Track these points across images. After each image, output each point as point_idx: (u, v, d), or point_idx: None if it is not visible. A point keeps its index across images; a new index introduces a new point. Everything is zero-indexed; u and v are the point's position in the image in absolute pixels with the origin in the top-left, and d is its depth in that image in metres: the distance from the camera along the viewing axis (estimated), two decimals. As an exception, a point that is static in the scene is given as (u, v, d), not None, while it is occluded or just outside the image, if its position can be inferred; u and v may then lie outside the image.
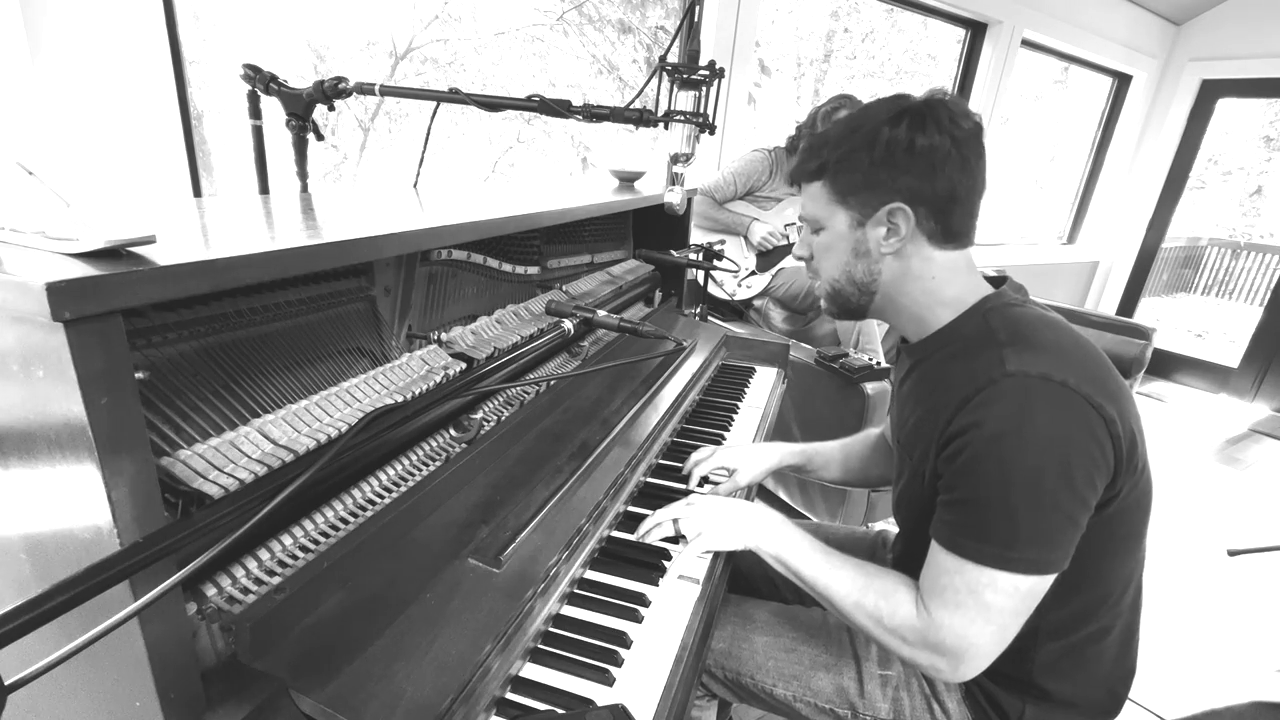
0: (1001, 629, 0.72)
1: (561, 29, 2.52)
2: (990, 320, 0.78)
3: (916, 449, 0.81)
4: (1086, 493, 0.69)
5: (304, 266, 0.61)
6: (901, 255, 0.80)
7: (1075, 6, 3.56)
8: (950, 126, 0.74)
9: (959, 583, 0.72)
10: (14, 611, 0.36)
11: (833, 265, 0.85)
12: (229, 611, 0.57)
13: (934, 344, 0.83)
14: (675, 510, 0.91)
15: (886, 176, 0.76)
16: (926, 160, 0.74)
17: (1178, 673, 1.83)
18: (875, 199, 0.78)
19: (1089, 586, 0.79)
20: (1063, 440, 0.68)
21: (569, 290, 1.31)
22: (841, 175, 0.79)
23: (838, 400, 1.96)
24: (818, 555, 0.84)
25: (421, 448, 0.85)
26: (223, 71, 1.66)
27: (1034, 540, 0.68)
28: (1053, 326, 0.77)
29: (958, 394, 0.73)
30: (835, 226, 0.82)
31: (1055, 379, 0.68)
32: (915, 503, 0.83)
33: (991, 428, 0.69)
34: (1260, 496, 2.96)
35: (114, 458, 0.44)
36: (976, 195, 0.78)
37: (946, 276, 0.81)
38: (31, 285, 0.39)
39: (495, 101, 1.09)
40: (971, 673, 0.74)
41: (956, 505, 0.73)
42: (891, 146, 0.75)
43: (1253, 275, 6.26)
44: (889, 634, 0.77)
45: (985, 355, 0.73)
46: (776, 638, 0.98)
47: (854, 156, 0.78)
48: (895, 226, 0.78)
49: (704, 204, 2.47)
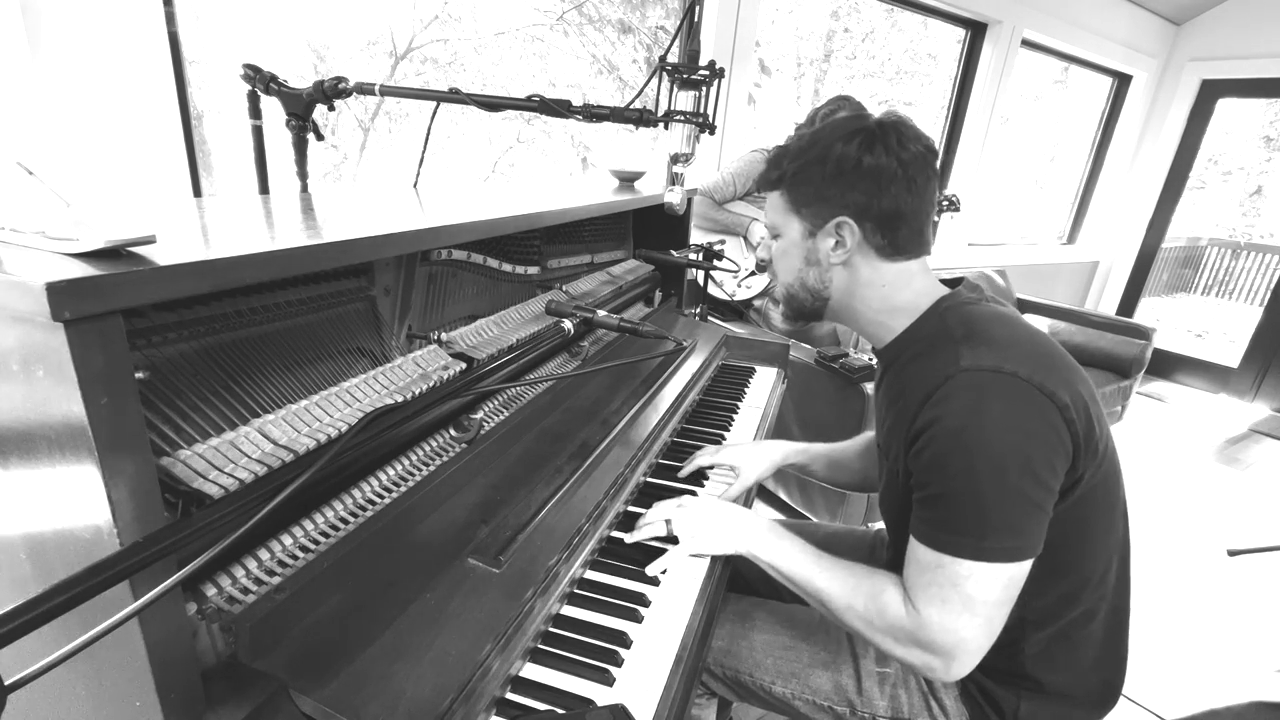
0: (988, 620, 0.73)
1: (561, 29, 2.52)
2: (946, 319, 0.81)
3: (892, 450, 0.84)
4: (1048, 478, 0.71)
5: (304, 266, 0.61)
6: (850, 265, 0.84)
7: (1075, 6, 3.56)
8: (898, 149, 0.78)
9: (941, 578, 0.73)
10: (14, 611, 0.36)
11: (787, 270, 0.89)
12: (229, 611, 0.57)
13: (898, 347, 0.86)
14: (668, 510, 0.92)
15: (835, 191, 0.80)
16: (873, 179, 0.78)
17: (1178, 672, 1.83)
18: (825, 211, 0.82)
19: (1067, 572, 0.80)
20: (1019, 429, 0.70)
21: (569, 290, 1.32)
22: (797, 187, 0.84)
23: (838, 400, 1.96)
24: (809, 560, 0.85)
25: (421, 448, 0.85)
26: (223, 71, 1.65)
27: (1004, 528, 0.70)
28: (1005, 321, 0.80)
29: (920, 392, 0.76)
30: (790, 234, 0.87)
31: (1006, 370, 0.71)
32: (895, 503, 0.85)
33: (951, 422, 0.71)
34: (1260, 496, 2.96)
35: (114, 458, 0.44)
36: (924, 213, 0.82)
37: (899, 284, 0.84)
38: (31, 285, 0.39)
39: (495, 101, 1.09)
40: (963, 670, 0.75)
41: (929, 501, 0.75)
42: (841, 163, 0.79)
43: (1253, 275, 6.26)
44: (881, 634, 0.78)
45: (943, 353, 0.76)
46: (775, 636, 0.98)
47: (808, 170, 0.82)
48: (842, 239, 0.82)
49: (704, 204, 2.47)
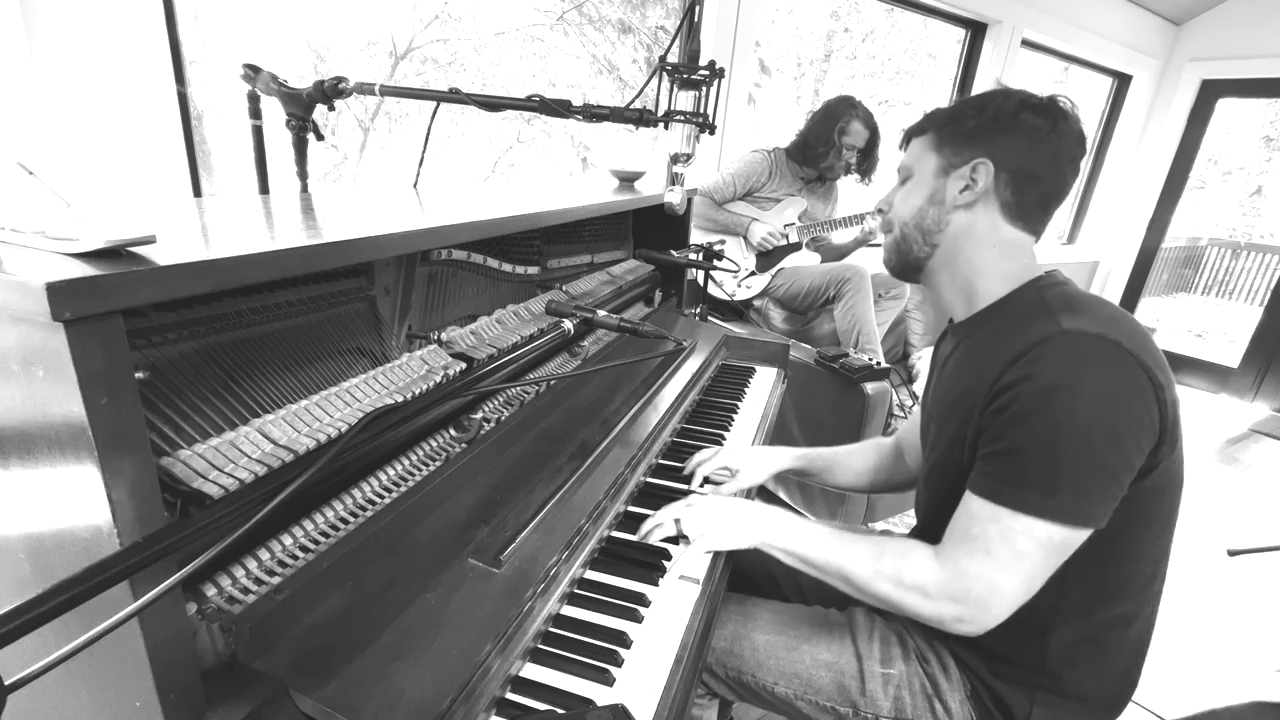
0: (1029, 578, 0.73)
1: (561, 29, 2.52)
2: (1045, 295, 0.81)
3: (958, 416, 0.82)
4: (1131, 451, 0.71)
5: (304, 266, 0.61)
6: (972, 211, 0.85)
7: (1075, 6, 3.56)
8: (1058, 116, 0.80)
9: (992, 531, 0.73)
10: (14, 611, 0.36)
11: (908, 209, 0.89)
12: (229, 611, 0.57)
13: (985, 318, 0.87)
14: (676, 510, 0.91)
15: (984, 136, 0.82)
16: (1025, 134, 0.80)
17: (1178, 673, 1.83)
18: (966, 151, 0.84)
19: (1113, 564, 0.79)
20: (1113, 397, 0.69)
21: (569, 290, 1.31)
22: (947, 127, 0.86)
23: (838, 400, 1.96)
24: (828, 537, 0.85)
25: (421, 448, 0.85)
26: (223, 71, 1.66)
27: (1075, 490, 0.70)
28: (1104, 303, 0.80)
29: (1009, 352, 0.75)
30: (922, 171, 0.88)
31: (1110, 338, 0.71)
32: (950, 472, 0.84)
33: (1043, 380, 0.71)
34: (1260, 496, 2.96)
35: (114, 458, 0.44)
36: (1058, 189, 0.83)
37: (1007, 250, 0.85)
38: (31, 285, 0.39)
39: (495, 101, 1.09)
40: (993, 620, 0.75)
41: (999, 456, 0.74)
42: (999, 113, 0.82)
43: (1253, 275, 6.25)
44: (909, 591, 0.78)
45: (1039, 320, 0.76)
46: (777, 636, 0.98)
47: (963, 113, 0.85)
48: (974, 181, 0.83)
49: (704, 204, 2.47)
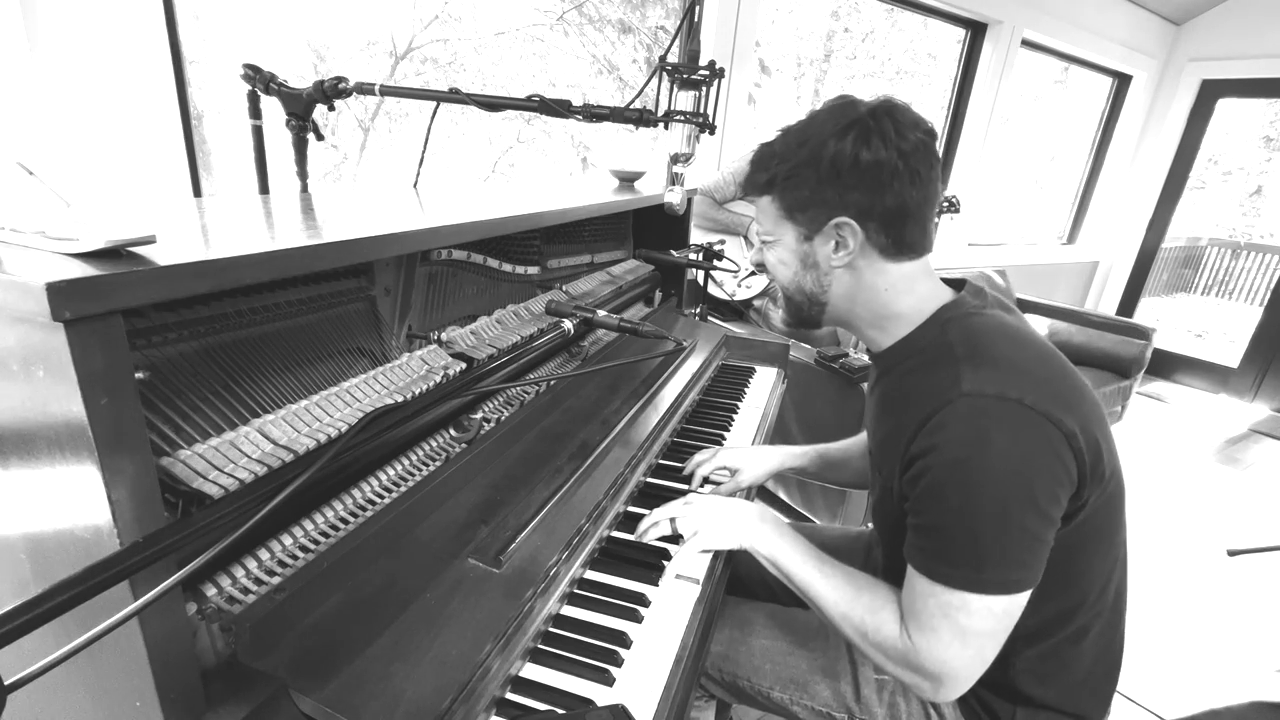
0: (979, 650, 0.71)
1: (561, 29, 2.52)
2: (948, 332, 0.76)
3: (885, 465, 0.81)
4: (1051, 509, 0.68)
5: (304, 266, 0.61)
6: (853, 268, 0.79)
7: (1075, 6, 3.56)
8: (897, 140, 0.72)
9: (933, 606, 0.71)
10: (14, 611, 0.36)
11: (784, 276, 0.84)
12: (229, 611, 0.57)
13: (895, 355, 0.83)
14: (673, 510, 0.91)
15: (833, 193, 0.75)
16: (874, 176, 0.73)
17: (1178, 673, 1.83)
18: (823, 214, 0.76)
19: (1062, 593, 0.78)
20: (1023, 461, 0.66)
21: (569, 290, 1.31)
22: (789, 191, 0.78)
23: (838, 400, 1.96)
24: (810, 562, 0.84)
25: (421, 448, 0.85)
26: (223, 71, 1.65)
27: (1002, 562, 0.68)
28: (1010, 337, 0.75)
29: (917, 413, 0.72)
30: (785, 240, 0.82)
31: (1011, 397, 0.67)
32: (889, 517, 0.83)
33: (950, 452, 0.68)
34: (1260, 496, 2.96)
35: (114, 458, 0.44)
36: (929, 206, 0.76)
37: (902, 287, 0.80)
38: (31, 285, 0.39)
39: (495, 101, 1.09)
40: (952, 694, 0.74)
41: (924, 530, 0.72)
42: (837, 162, 0.73)
43: (1253, 275, 6.25)
44: (873, 649, 0.77)
45: (942, 372, 0.72)
46: (774, 641, 0.98)
47: (800, 172, 0.76)
48: (843, 240, 0.77)
49: (704, 204, 2.47)
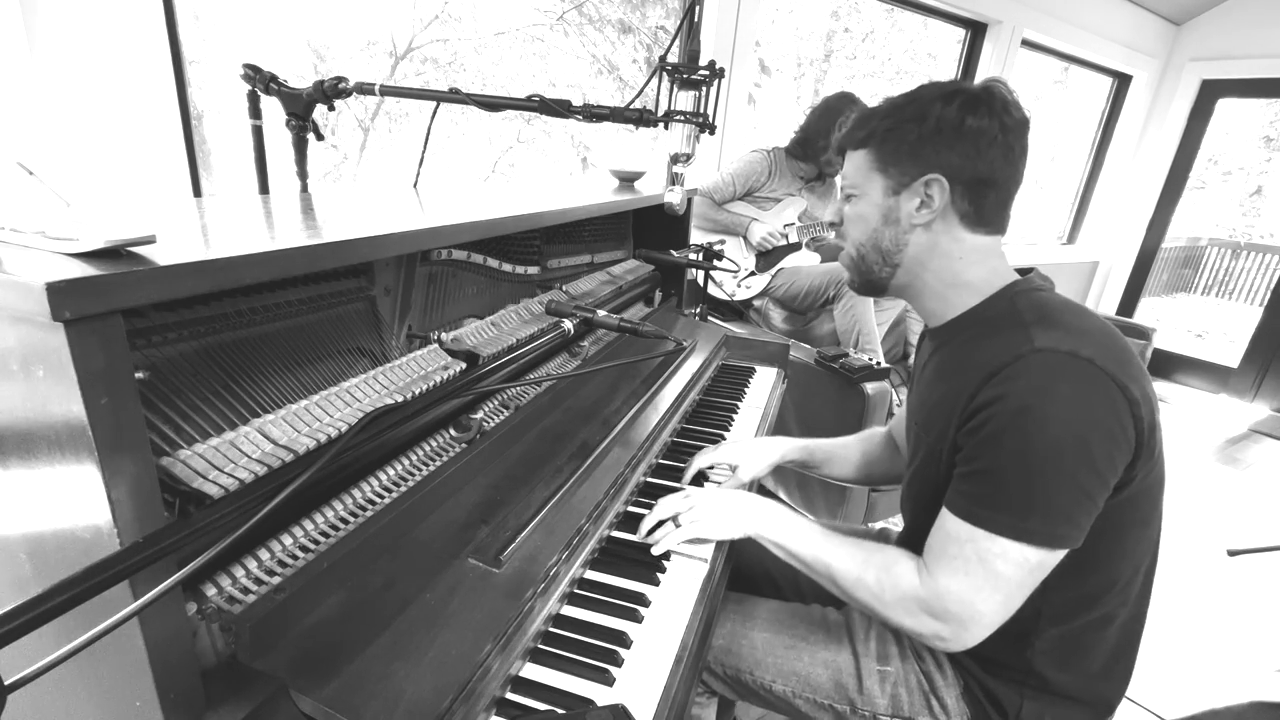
0: (1007, 598, 0.73)
1: (561, 29, 2.52)
2: (1018, 303, 0.79)
3: (935, 428, 0.82)
4: (1106, 471, 0.70)
5: (304, 266, 0.61)
6: (931, 230, 0.81)
7: (1075, 6, 3.56)
8: (1001, 113, 0.76)
9: (969, 551, 0.72)
10: (14, 611, 0.36)
11: (861, 231, 0.86)
12: (229, 611, 0.57)
13: (959, 326, 0.84)
14: (675, 505, 0.91)
15: (930, 150, 0.78)
16: (972, 140, 0.76)
17: (1178, 673, 1.83)
18: (915, 169, 0.79)
19: (1095, 571, 0.79)
20: (1086, 416, 0.68)
21: (569, 290, 1.31)
22: (888, 143, 0.81)
23: (837, 400, 1.96)
24: (818, 536, 0.85)
25: (421, 448, 0.85)
26: (223, 71, 1.66)
27: (1049, 513, 0.69)
28: (1079, 312, 0.78)
29: (983, 369, 0.74)
30: (870, 193, 0.84)
31: (1083, 355, 0.69)
32: (929, 484, 0.84)
33: (1016, 401, 0.69)
34: (1260, 496, 2.96)
35: (114, 458, 0.44)
36: (1014, 185, 0.80)
37: (974, 259, 0.82)
38: (31, 285, 0.39)
39: (495, 101, 1.09)
40: (973, 640, 0.75)
41: (974, 476, 0.73)
42: (941, 123, 0.77)
43: (1253, 275, 6.26)
44: (891, 606, 0.78)
45: (1012, 333, 0.74)
46: (775, 634, 0.98)
47: (903, 127, 0.79)
48: (929, 199, 0.80)
49: (703, 204, 2.47)
